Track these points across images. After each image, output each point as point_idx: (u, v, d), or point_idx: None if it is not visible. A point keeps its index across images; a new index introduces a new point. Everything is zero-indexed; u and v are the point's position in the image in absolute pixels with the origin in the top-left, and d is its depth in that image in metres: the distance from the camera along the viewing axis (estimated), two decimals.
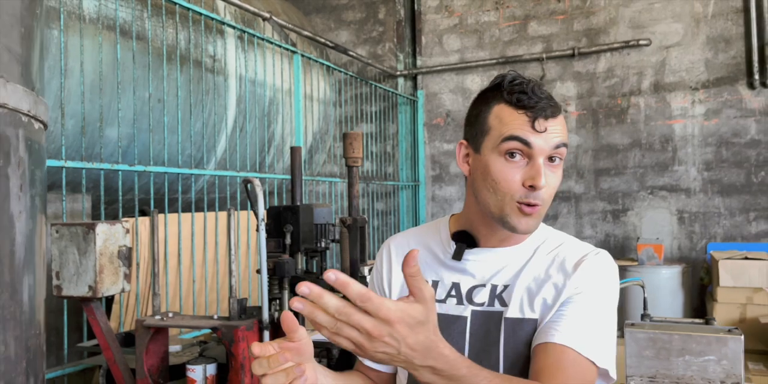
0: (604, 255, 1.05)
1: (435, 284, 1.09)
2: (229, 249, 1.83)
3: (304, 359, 0.81)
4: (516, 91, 0.98)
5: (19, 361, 0.98)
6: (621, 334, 1.52)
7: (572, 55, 5.31)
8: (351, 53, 5.11)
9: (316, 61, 4.51)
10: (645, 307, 1.65)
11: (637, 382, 1.47)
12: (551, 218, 5.44)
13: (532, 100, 0.97)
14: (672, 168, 5.07)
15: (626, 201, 5.22)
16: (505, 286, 1.05)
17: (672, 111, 5.09)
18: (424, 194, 5.92)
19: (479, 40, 5.72)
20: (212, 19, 3.53)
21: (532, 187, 0.96)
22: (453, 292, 1.07)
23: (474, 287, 1.07)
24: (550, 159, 0.99)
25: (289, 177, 3.06)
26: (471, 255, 1.07)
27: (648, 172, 5.15)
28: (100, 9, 3.02)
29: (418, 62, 5.98)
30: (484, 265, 1.07)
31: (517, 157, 0.98)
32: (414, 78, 6.02)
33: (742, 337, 1.42)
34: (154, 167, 3.07)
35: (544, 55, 5.38)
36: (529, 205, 0.97)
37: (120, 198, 2.93)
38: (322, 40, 4.74)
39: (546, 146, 0.97)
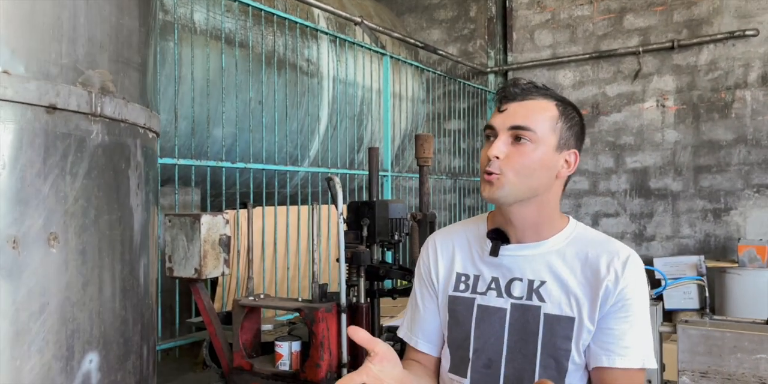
0: (633, 258, 1.14)
1: (476, 278, 1.22)
2: (311, 239, 2.04)
3: (392, 364, 1.02)
4: (500, 87, 1.18)
5: (135, 324, 1.23)
6: (674, 330, 1.56)
7: (671, 48, 5.11)
8: (440, 52, 5.23)
9: (405, 62, 4.68)
10: (704, 307, 1.67)
11: (689, 377, 1.51)
12: (646, 216, 5.27)
13: (503, 89, 1.15)
14: None
15: (729, 199, 4.97)
16: (542, 282, 1.16)
17: None
18: None
19: (572, 35, 5.64)
20: (306, 26, 3.80)
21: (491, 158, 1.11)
22: (493, 285, 1.20)
23: (511, 280, 1.19)
24: (516, 138, 1.11)
25: (379, 173, 3.26)
26: (506, 251, 1.19)
27: (754, 170, 4.87)
28: (208, 21, 3.35)
29: (509, 58, 5.98)
30: (518, 260, 1.18)
31: (491, 139, 1.14)
32: (505, 74, 6.03)
33: None
34: (254, 164, 3.38)
35: (640, 49, 5.22)
36: (488, 173, 1.11)
37: (223, 192, 3.26)
38: (412, 41, 4.90)
39: (503, 124, 1.12)
